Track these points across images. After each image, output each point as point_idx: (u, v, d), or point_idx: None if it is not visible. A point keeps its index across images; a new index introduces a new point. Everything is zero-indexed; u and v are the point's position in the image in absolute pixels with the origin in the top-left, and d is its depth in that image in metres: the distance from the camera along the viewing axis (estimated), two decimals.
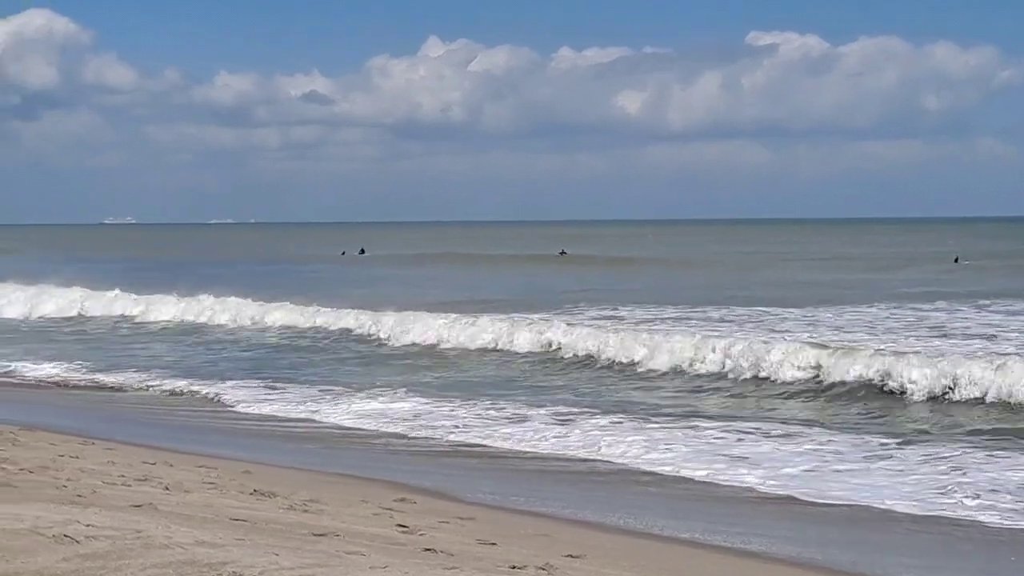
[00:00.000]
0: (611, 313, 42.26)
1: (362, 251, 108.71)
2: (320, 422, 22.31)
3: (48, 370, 29.15)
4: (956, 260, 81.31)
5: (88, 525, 8.28)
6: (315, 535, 9.63)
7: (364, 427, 21.65)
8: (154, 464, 15.02)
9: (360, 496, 13.93)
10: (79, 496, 10.74)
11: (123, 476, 13.24)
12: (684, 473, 17.26)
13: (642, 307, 44.30)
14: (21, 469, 12.73)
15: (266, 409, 23.64)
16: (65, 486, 11.58)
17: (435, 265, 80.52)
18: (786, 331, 33.77)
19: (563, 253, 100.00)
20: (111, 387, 26.91)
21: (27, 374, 28.79)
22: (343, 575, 6.96)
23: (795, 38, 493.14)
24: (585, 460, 18.48)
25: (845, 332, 33.96)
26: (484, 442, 20.02)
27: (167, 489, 12.42)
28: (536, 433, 20.53)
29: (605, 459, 18.42)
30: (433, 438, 20.54)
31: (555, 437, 20.16)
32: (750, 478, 16.78)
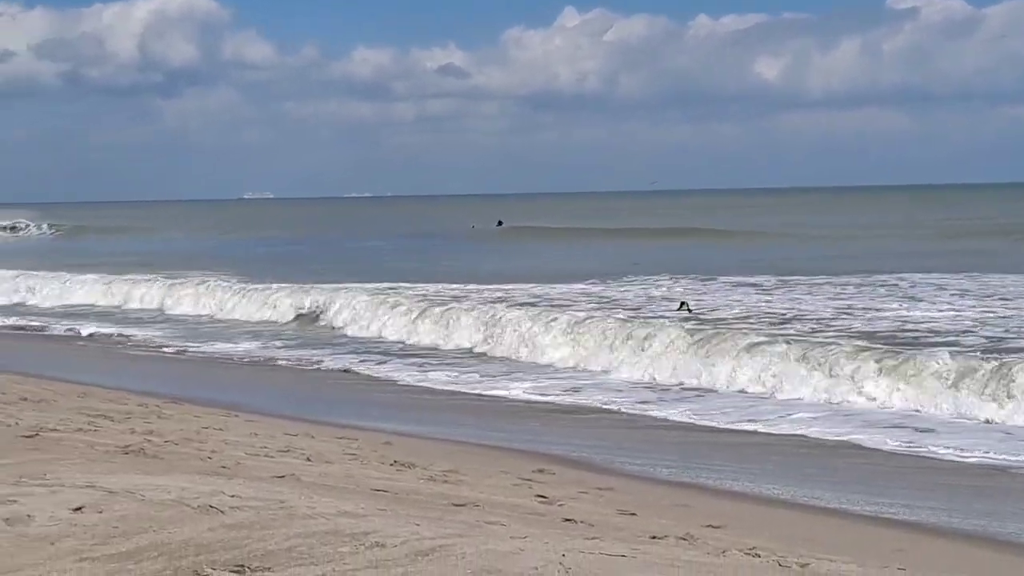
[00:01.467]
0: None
1: (499, 223, 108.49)
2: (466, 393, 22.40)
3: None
4: None
5: (233, 496, 8.40)
6: (455, 505, 9.68)
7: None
8: (296, 436, 15.22)
9: (499, 467, 13.98)
10: (223, 467, 10.91)
11: (266, 448, 13.43)
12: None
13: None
14: (167, 441, 12.98)
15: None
16: (210, 458, 11.78)
17: (575, 239, 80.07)
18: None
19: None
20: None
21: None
22: (483, 545, 6.97)
23: (937, 1, 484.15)
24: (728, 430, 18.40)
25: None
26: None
27: (309, 460, 12.57)
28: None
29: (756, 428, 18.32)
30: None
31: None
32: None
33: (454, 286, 42.39)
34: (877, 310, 32.16)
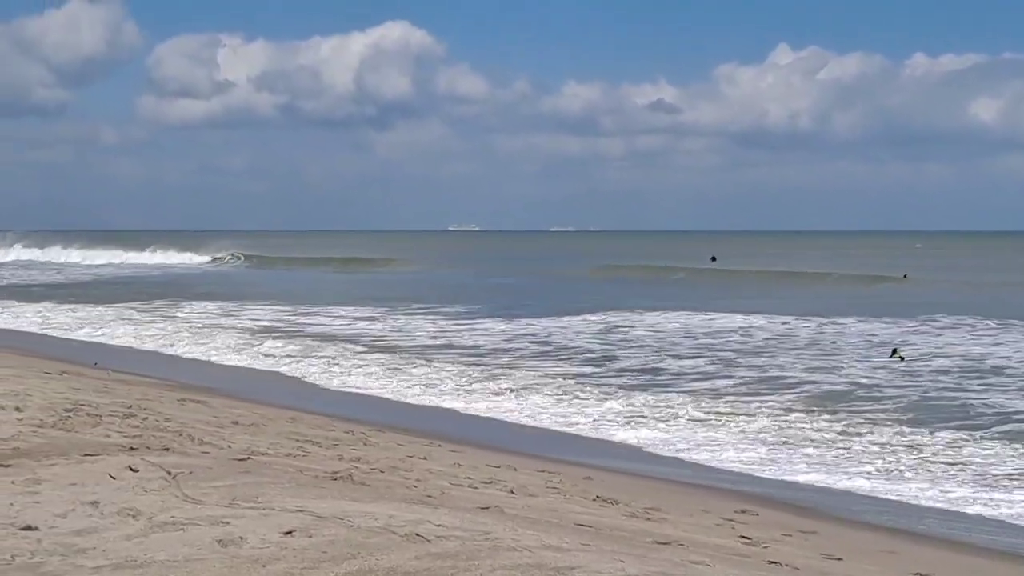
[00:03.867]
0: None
1: (713, 259, 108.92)
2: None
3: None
4: None
5: (438, 525, 8.48)
6: (659, 543, 9.63)
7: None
8: (498, 467, 15.30)
9: (701, 506, 13.88)
10: (429, 496, 11.02)
11: (469, 478, 13.53)
12: None
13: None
14: (373, 468, 13.15)
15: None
16: (415, 486, 11.91)
17: (775, 281, 79.05)
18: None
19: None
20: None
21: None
22: None
23: None
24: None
25: None
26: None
27: (512, 493, 12.62)
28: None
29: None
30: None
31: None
32: None
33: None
34: None
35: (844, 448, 19.68)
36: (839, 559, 10.49)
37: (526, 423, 22.35)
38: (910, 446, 19.73)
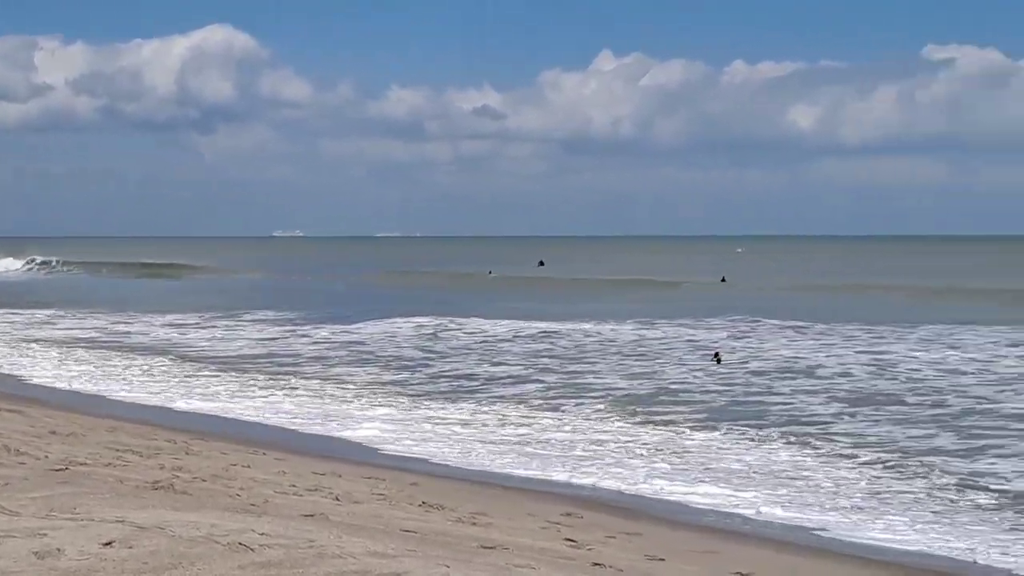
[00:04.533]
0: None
1: (541, 263, 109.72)
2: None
3: None
4: None
5: (262, 533, 8.39)
6: (484, 547, 9.65)
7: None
8: (324, 475, 15.20)
9: (526, 510, 13.95)
10: (252, 505, 10.91)
11: (294, 486, 13.42)
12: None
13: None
14: (195, 477, 12.98)
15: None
16: (238, 495, 11.78)
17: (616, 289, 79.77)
18: None
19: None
20: None
21: None
22: None
23: (973, 52, 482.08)
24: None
25: None
26: None
27: (337, 500, 12.56)
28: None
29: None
30: None
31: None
32: None
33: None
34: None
35: (644, 452, 19.81)
36: (662, 559, 10.62)
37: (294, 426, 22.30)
38: (706, 446, 20.14)
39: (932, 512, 15.50)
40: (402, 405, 25.14)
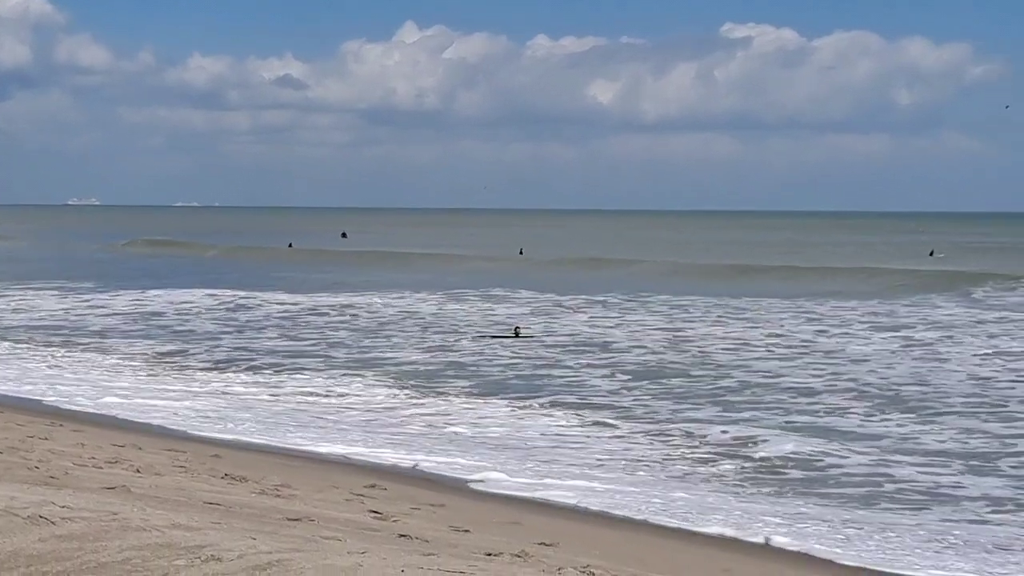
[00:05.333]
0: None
1: (344, 235, 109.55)
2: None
3: None
4: (932, 253, 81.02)
5: (63, 507, 8.25)
6: (289, 520, 9.62)
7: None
8: (123, 447, 14.98)
9: (330, 482, 13.93)
10: (52, 477, 10.71)
11: (94, 458, 13.21)
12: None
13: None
14: None
15: None
16: (37, 467, 11.55)
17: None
18: None
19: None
20: None
21: None
22: (322, 560, 6.94)
23: (770, 31, 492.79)
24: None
25: None
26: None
27: (138, 472, 12.40)
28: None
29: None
30: None
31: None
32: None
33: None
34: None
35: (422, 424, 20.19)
36: (467, 531, 10.70)
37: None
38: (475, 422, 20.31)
39: (676, 479, 16.08)
40: (195, 377, 25.00)
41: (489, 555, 8.52)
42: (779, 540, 12.74)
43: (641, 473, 16.40)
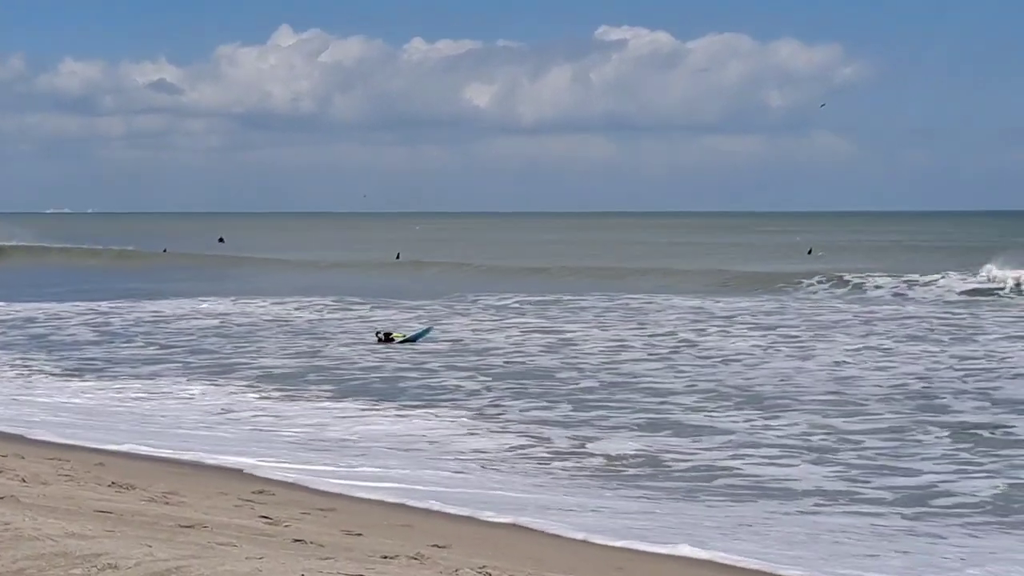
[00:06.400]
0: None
1: (221, 240, 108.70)
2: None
3: None
4: (810, 252, 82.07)
5: None
6: (183, 527, 9.58)
7: None
8: (5, 456, 14.76)
9: (217, 488, 13.86)
10: None
11: None
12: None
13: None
14: None
15: None
16: None
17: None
18: None
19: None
20: None
21: None
22: (220, 566, 6.95)
23: (645, 33, 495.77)
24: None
25: None
26: None
27: (24, 481, 12.24)
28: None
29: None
30: None
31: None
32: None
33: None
34: None
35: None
36: (359, 534, 10.72)
37: None
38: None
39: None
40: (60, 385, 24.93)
41: (385, 558, 8.58)
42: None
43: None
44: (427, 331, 33.03)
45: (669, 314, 39.99)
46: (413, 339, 31.96)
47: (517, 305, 43.94)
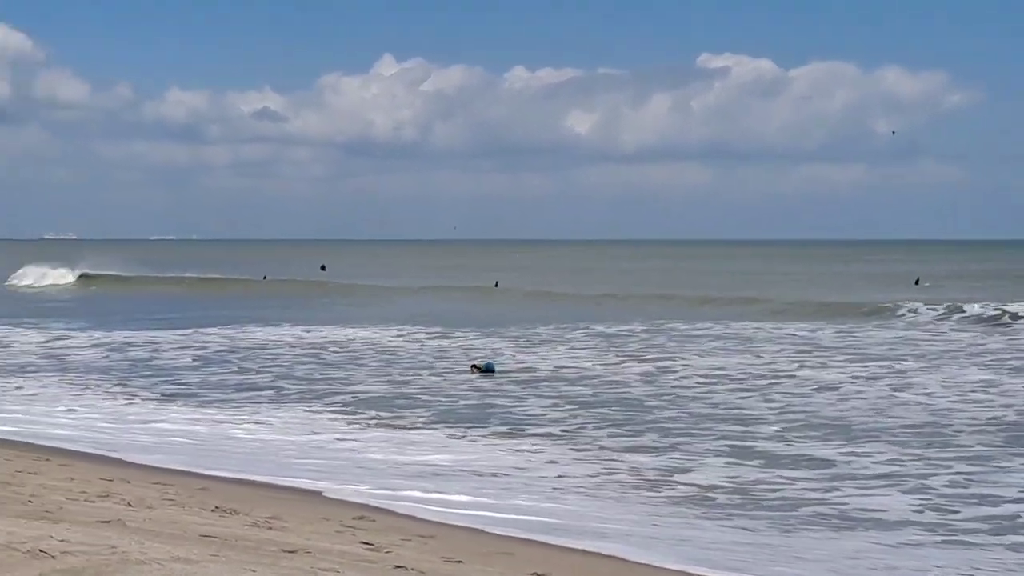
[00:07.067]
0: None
1: (323, 268, 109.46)
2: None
3: None
4: (917, 282, 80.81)
5: (62, 540, 8.29)
6: (285, 552, 9.65)
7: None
8: (111, 481, 14.97)
9: (319, 514, 13.94)
10: (47, 512, 10.72)
11: (84, 492, 13.21)
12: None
13: None
14: None
15: None
16: (31, 501, 11.55)
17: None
18: None
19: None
20: None
21: None
22: None
23: (747, 61, 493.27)
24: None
25: None
26: None
27: (130, 505, 12.40)
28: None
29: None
30: None
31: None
32: None
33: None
34: None
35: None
36: (460, 562, 10.75)
37: None
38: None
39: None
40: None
41: None
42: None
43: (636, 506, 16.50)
44: (493, 364, 32.62)
45: (776, 344, 39.68)
46: (487, 369, 31.76)
47: (622, 332, 43.84)
